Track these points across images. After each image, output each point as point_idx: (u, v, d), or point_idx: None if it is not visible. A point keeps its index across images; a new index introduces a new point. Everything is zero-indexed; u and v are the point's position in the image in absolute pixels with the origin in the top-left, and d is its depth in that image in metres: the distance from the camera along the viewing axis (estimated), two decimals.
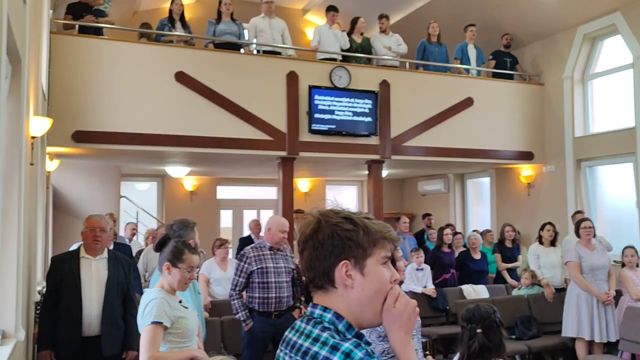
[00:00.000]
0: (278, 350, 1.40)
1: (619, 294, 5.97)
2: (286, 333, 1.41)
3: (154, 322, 2.83)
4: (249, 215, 11.51)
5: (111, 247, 5.84)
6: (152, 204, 11.71)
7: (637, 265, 5.95)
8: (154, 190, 11.89)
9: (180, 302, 3.08)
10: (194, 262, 3.34)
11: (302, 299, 5.09)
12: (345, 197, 13.54)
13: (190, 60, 7.31)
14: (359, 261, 1.34)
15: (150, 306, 2.87)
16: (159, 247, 3.12)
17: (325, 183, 12.94)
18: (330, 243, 1.34)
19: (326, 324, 1.33)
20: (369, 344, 1.37)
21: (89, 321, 3.98)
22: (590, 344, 5.83)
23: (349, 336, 1.32)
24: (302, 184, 12.53)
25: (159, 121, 7.03)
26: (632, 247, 5.96)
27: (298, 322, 1.40)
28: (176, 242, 3.13)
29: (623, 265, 5.93)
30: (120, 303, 4.16)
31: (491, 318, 2.73)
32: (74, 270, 4.04)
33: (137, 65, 7.02)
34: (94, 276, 4.08)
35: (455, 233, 8.93)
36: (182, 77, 7.17)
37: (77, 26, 6.89)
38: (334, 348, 1.25)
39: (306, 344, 1.31)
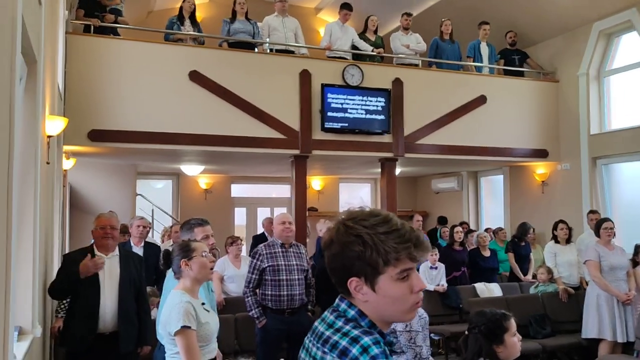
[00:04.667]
0: (305, 338, 1.44)
1: None
2: (315, 323, 1.45)
3: (184, 327, 2.81)
4: (262, 213, 11.55)
5: (142, 245, 5.92)
6: (167, 202, 11.81)
7: None
8: (169, 188, 12.00)
9: (203, 304, 3.08)
10: (205, 232, 3.50)
11: (313, 300, 5.12)
12: (359, 195, 13.55)
13: (204, 59, 7.37)
14: (370, 278, 1.35)
15: (176, 311, 2.86)
16: (166, 262, 3.13)
17: (338, 181, 12.95)
18: (340, 260, 1.37)
19: (350, 317, 1.37)
20: (391, 344, 1.40)
21: (104, 318, 4.04)
22: (611, 344, 5.77)
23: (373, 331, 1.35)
24: (316, 182, 12.56)
25: (174, 120, 7.10)
26: None
27: (326, 312, 1.44)
28: (177, 243, 3.17)
29: (635, 264, 5.86)
30: (133, 300, 4.21)
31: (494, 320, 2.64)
32: None
33: (151, 64, 7.09)
34: (107, 274, 4.12)
35: (468, 231, 8.94)
36: (196, 76, 7.23)
37: (91, 26, 6.98)
38: (354, 340, 1.30)
39: (327, 333, 1.37)
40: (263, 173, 11.50)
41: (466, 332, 2.65)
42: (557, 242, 6.99)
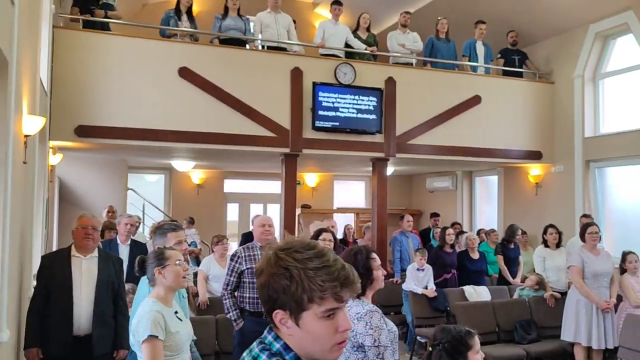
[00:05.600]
0: None
1: (619, 300, 5.88)
2: (244, 354, 1.43)
3: (150, 336, 2.79)
4: (255, 209, 11.54)
5: (128, 243, 5.85)
6: (160, 196, 11.78)
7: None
8: (162, 182, 11.96)
9: (176, 312, 3.05)
10: (178, 237, 3.47)
11: None
12: (354, 192, 13.49)
13: (194, 56, 7.30)
14: (294, 313, 1.33)
15: (145, 320, 2.84)
16: (140, 269, 3.09)
17: (333, 178, 12.91)
18: (267, 291, 1.36)
19: (274, 351, 1.36)
20: None
21: (79, 320, 4.00)
22: (589, 349, 5.77)
23: None
24: (310, 178, 12.51)
25: (162, 117, 7.04)
26: (634, 253, 5.84)
27: (254, 343, 1.43)
28: (152, 251, 3.13)
29: (623, 270, 5.82)
30: (110, 302, 4.17)
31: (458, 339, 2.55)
32: (64, 269, 4.06)
33: (140, 60, 7.02)
34: (84, 275, 4.09)
35: (460, 232, 8.88)
36: (185, 73, 7.16)
37: (81, 21, 6.92)
38: None
39: None
40: (256, 169, 11.46)
41: (430, 349, 2.61)
42: (547, 246, 6.95)
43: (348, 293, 1.34)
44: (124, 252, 5.68)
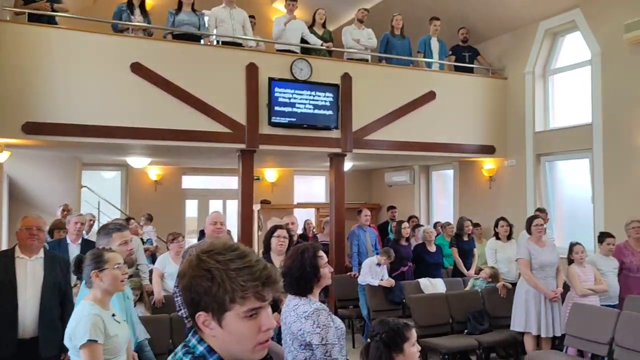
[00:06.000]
0: None
1: (566, 289, 6.08)
2: (169, 358, 1.44)
3: (90, 341, 2.75)
4: (214, 205, 11.45)
5: (79, 242, 5.71)
6: (117, 193, 11.57)
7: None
8: (118, 179, 11.74)
9: (113, 315, 3.01)
10: (123, 237, 3.45)
11: None
12: (314, 187, 13.53)
13: (147, 51, 7.17)
14: (216, 314, 1.35)
15: (83, 323, 2.79)
16: (77, 269, 3.04)
17: (293, 173, 12.91)
18: (189, 294, 1.37)
19: (197, 355, 1.37)
20: None
21: (24, 323, 3.92)
22: (538, 338, 5.96)
23: None
24: (270, 173, 12.48)
25: (114, 113, 6.90)
26: (580, 244, 6.05)
27: (179, 346, 1.44)
28: (90, 252, 3.07)
29: (570, 261, 6.02)
30: (57, 304, 4.10)
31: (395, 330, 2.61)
32: (8, 271, 3.96)
33: (91, 55, 6.85)
34: (29, 277, 4.00)
35: (417, 225, 9.03)
36: (138, 68, 7.03)
37: (27, 14, 6.72)
38: None
39: None
40: (214, 165, 11.37)
41: (368, 340, 2.67)
42: (498, 238, 7.13)
43: (270, 292, 1.37)
44: (74, 252, 5.54)
